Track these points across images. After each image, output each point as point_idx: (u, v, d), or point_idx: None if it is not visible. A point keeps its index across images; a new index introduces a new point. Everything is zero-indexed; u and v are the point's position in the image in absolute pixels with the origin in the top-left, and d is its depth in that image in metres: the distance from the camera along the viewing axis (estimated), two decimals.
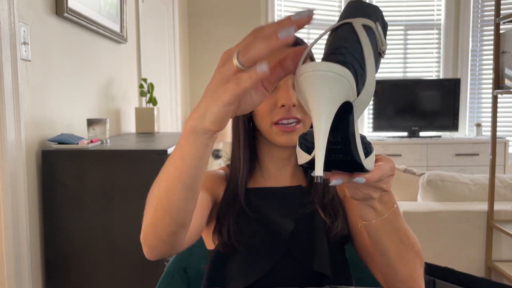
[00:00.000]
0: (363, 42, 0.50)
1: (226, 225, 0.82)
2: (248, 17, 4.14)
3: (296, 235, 0.81)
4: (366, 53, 0.50)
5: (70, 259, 1.53)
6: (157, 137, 2.13)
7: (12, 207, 1.35)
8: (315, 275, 0.79)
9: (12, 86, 1.35)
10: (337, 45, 0.51)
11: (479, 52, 4.37)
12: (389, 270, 0.71)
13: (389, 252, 0.68)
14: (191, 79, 4.19)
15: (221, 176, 0.91)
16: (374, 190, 0.57)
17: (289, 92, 0.79)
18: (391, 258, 0.69)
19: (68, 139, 1.53)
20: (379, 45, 0.52)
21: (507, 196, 2.29)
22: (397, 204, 0.66)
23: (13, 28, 1.34)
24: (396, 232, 0.66)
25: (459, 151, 3.97)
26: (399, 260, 0.69)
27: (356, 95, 0.49)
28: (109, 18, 2.09)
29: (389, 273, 0.72)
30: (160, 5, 3.21)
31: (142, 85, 2.52)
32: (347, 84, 0.46)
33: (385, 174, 0.55)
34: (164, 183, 0.55)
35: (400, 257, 0.69)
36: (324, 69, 0.46)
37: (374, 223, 0.64)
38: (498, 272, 2.12)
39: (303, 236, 0.81)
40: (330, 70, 0.46)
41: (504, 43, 2.28)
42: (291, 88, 0.80)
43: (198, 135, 0.50)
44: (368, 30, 0.52)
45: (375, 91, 0.52)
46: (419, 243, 0.74)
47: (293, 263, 0.80)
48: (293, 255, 0.80)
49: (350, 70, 0.47)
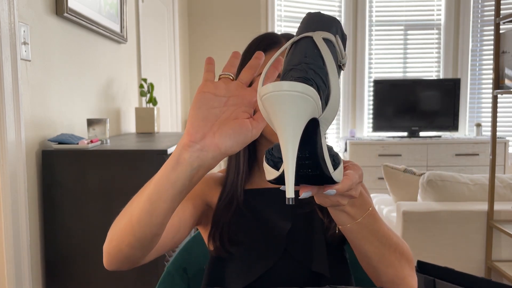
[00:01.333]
0: (325, 57, 0.50)
1: (219, 231, 0.81)
2: (248, 17, 4.14)
3: (294, 235, 0.81)
4: (329, 67, 0.49)
5: (70, 259, 1.53)
6: (157, 137, 2.13)
7: (12, 207, 1.35)
8: (314, 275, 0.79)
9: (12, 86, 1.35)
10: (297, 60, 0.50)
11: (479, 52, 4.37)
12: (373, 272, 0.72)
13: (370, 254, 0.68)
14: (191, 79, 4.19)
15: (216, 179, 0.90)
16: (342, 198, 0.57)
17: None
18: (373, 260, 0.69)
19: (68, 139, 1.53)
20: (339, 58, 0.52)
21: (507, 196, 2.29)
22: (373, 207, 0.66)
23: (13, 28, 1.34)
24: (374, 235, 0.66)
25: (459, 151, 3.97)
26: (382, 262, 0.69)
27: (322, 110, 0.48)
28: (109, 18, 2.09)
29: (373, 275, 0.73)
30: (160, 5, 3.21)
31: (142, 85, 2.53)
32: (312, 102, 0.45)
33: (354, 183, 0.55)
34: (138, 210, 0.57)
35: (382, 259, 0.69)
36: (287, 89, 0.44)
37: (349, 227, 0.64)
38: (498, 272, 2.12)
39: (301, 236, 0.81)
40: (294, 89, 0.44)
41: (504, 43, 2.28)
42: None
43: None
44: (329, 43, 0.51)
45: (375, 91, 0.53)
46: (405, 243, 0.74)
47: (292, 263, 0.80)
48: (292, 255, 0.80)
49: (313, 87, 0.46)
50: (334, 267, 0.81)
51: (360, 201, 0.63)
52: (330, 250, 0.81)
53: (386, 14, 4.44)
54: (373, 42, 4.44)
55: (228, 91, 0.55)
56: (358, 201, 0.63)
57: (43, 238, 1.53)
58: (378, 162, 3.90)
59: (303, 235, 0.81)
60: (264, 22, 4.15)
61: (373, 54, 4.46)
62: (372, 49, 4.45)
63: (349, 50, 4.40)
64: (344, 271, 0.84)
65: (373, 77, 4.42)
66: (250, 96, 0.56)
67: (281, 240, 0.80)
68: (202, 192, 0.85)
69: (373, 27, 4.43)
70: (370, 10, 4.41)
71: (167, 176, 0.54)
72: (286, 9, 4.25)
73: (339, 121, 4.48)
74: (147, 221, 0.57)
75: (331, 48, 0.51)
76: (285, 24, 4.26)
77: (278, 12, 4.22)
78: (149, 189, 0.57)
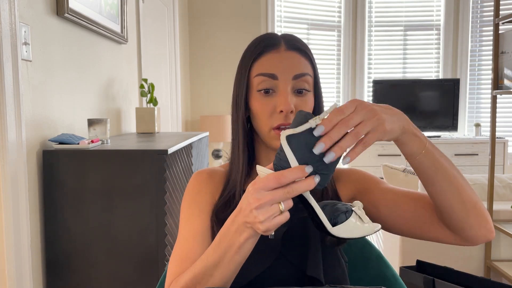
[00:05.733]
0: (288, 155, 0.60)
1: (218, 227, 0.82)
2: (248, 17, 4.15)
3: (290, 238, 0.80)
4: (291, 162, 0.61)
5: (71, 258, 1.53)
6: (157, 137, 2.14)
7: (13, 207, 1.35)
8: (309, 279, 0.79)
9: (13, 86, 1.35)
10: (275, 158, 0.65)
11: (478, 53, 4.38)
12: (454, 203, 0.72)
13: (446, 185, 0.71)
14: (191, 79, 4.20)
15: (220, 174, 0.91)
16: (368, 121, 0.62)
17: (287, 98, 0.80)
18: (450, 190, 0.71)
19: (68, 139, 1.53)
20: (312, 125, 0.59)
21: (506, 196, 2.30)
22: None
23: (14, 29, 1.34)
24: (443, 162, 0.72)
25: (458, 151, 3.98)
26: (457, 189, 0.72)
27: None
28: (109, 18, 2.10)
29: (455, 207, 0.72)
30: (160, 5, 3.22)
31: (143, 85, 2.53)
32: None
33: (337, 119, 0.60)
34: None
35: (456, 186, 0.71)
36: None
37: (420, 159, 0.69)
38: (497, 271, 2.12)
39: (297, 239, 0.81)
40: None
41: (503, 44, 2.28)
42: (290, 94, 0.81)
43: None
44: (292, 137, 0.60)
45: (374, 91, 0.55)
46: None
47: (287, 266, 0.80)
48: (287, 258, 0.80)
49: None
50: (329, 271, 0.80)
51: (416, 130, 0.69)
52: (325, 255, 0.81)
53: (386, 15, 4.44)
54: (373, 43, 4.45)
55: None
56: (414, 130, 0.69)
57: (44, 238, 1.54)
58: (378, 162, 3.91)
59: (298, 239, 0.81)
60: (264, 23, 4.15)
61: (373, 55, 4.47)
62: (372, 49, 4.46)
63: (349, 50, 4.41)
64: (338, 274, 0.83)
65: (373, 77, 4.43)
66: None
67: (276, 243, 0.80)
68: (211, 191, 0.88)
69: (372, 28, 4.44)
70: (369, 11, 4.41)
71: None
72: (286, 10, 4.26)
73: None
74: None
75: (295, 139, 0.60)
76: (285, 25, 4.26)
77: (278, 13, 4.23)
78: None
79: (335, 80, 4.46)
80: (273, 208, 0.62)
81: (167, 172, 1.54)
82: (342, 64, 4.44)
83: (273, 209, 0.62)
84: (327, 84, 4.45)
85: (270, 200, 0.61)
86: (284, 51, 0.83)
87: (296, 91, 0.82)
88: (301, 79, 0.82)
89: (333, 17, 4.39)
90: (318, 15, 4.35)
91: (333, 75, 4.46)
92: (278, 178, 0.60)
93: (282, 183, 0.60)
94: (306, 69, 0.83)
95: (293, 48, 0.83)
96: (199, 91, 4.19)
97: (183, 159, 1.91)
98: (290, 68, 0.81)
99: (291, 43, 0.84)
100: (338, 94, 4.48)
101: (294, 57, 0.83)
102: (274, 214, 0.62)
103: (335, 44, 4.42)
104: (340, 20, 4.40)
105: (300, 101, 0.82)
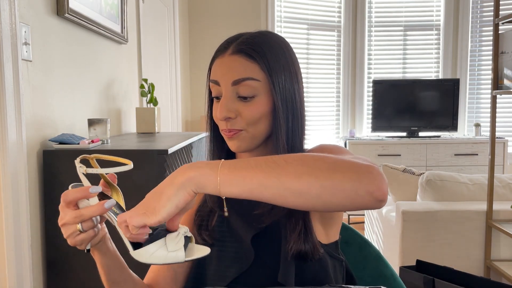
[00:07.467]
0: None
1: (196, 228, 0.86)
2: (248, 17, 4.15)
3: (262, 243, 0.79)
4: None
5: (71, 258, 1.53)
6: (157, 137, 2.14)
7: (13, 207, 1.35)
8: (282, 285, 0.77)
9: (13, 87, 1.35)
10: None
11: (478, 53, 4.38)
12: (314, 204, 0.63)
13: (276, 196, 0.62)
14: (191, 79, 4.20)
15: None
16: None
17: (223, 105, 0.78)
18: (291, 198, 0.62)
19: (69, 139, 1.53)
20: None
21: (506, 196, 2.30)
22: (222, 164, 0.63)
23: (14, 29, 1.35)
24: (252, 178, 0.61)
25: (458, 151, 3.98)
26: (298, 191, 0.61)
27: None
28: (110, 18, 2.10)
29: (317, 205, 0.63)
30: (160, 5, 3.22)
31: (143, 85, 2.53)
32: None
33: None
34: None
35: (294, 188, 0.61)
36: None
37: (225, 190, 0.62)
38: (497, 271, 2.12)
39: (269, 245, 0.79)
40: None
41: (503, 44, 2.29)
42: (231, 99, 0.79)
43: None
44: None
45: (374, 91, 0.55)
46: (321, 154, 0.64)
47: (263, 271, 0.79)
48: (262, 262, 0.79)
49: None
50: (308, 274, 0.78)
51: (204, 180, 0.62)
52: (302, 262, 0.77)
53: (386, 15, 4.45)
54: (373, 43, 4.46)
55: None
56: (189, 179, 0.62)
57: (44, 237, 1.54)
58: (378, 162, 3.91)
59: (270, 245, 0.79)
60: (264, 23, 4.16)
61: (373, 55, 4.47)
62: (372, 49, 4.46)
63: (349, 51, 4.41)
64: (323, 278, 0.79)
65: (373, 77, 4.43)
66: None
67: (249, 247, 0.79)
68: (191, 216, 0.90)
69: (372, 28, 4.44)
70: (369, 11, 4.42)
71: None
72: (286, 10, 4.26)
73: (339, 121, 4.49)
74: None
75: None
76: (285, 25, 4.27)
77: (278, 13, 4.23)
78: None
79: (335, 80, 4.47)
80: (72, 228, 0.68)
81: (167, 172, 1.54)
82: (342, 64, 4.44)
83: (72, 229, 0.68)
84: (327, 84, 4.46)
85: (67, 222, 0.68)
86: (228, 56, 0.79)
87: (239, 97, 0.79)
88: (242, 84, 0.77)
89: (333, 17, 4.40)
90: (318, 15, 4.35)
91: (333, 75, 4.46)
92: (65, 199, 0.69)
93: (68, 204, 0.70)
94: (250, 73, 0.77)
95: (239, 52, 0.78)
96: (199, 91, 4.20)
97: (183, 159, 1.91)
98: (229, 73, 0.78)
99: (239, 46, 0.78)
100: (338, 94, 4.48)
101: (235, 61, 0.78)
102: (74, 233, 0.69)
103: (335, 44, 4.43)
104: (340, 20, 4.40)
105: (244, 106, 0.78)
